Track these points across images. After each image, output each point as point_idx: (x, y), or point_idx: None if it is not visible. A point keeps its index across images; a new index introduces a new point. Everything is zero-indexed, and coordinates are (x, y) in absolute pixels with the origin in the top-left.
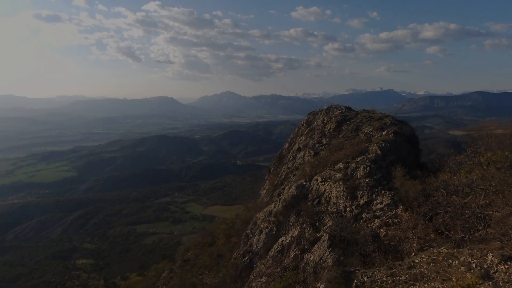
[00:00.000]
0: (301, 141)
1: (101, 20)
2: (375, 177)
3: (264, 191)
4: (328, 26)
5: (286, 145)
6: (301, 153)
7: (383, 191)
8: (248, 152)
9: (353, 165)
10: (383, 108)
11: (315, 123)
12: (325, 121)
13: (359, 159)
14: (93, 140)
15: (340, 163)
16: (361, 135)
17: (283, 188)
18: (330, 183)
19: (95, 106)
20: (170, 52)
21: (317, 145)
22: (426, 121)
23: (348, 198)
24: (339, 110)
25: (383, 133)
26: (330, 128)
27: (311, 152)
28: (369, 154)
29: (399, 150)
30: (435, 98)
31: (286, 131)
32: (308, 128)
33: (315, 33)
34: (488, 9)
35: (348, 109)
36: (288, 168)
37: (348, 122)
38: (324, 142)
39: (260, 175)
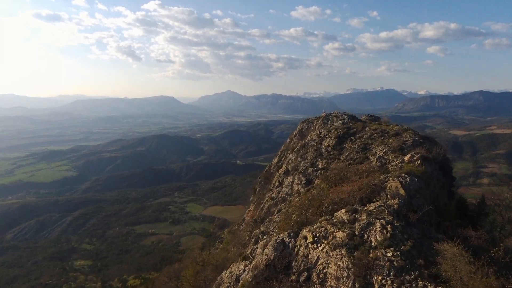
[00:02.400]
0: (290, 161)
1: (101, 19)
2: (402, 248)
3: (244, 224)
4: (328, 25)
5: (275, 160)
6: (289, 179)
7: (421, 282)
8: (249, 151)
9: (363, 217)
10: (384, 108)
11: (309, 137)
12: (321, 135)
13: (372, 206)
14: (93, 140)
15: (343, 211)
16: (371, 158)
17: (261, 235)
18: (327, 247)
19: (95, 105)
20: (170, 51)
21: (310, 170)
22: (427, 121)
23: (357, 285)
24: (340, 119)
25: (405, 158)
26: (329, 145)
27: (302, 179)
28: (388, 198)
29: (431, 187)
30: (436, 98)
31: (286, 130)
32: (300, 142)
33: (315, 32)
34: (488, 9)
35: (352, 118)
36: (273, 198)
37: (352, 137)
38: (320, 166)
39: (261, 175)
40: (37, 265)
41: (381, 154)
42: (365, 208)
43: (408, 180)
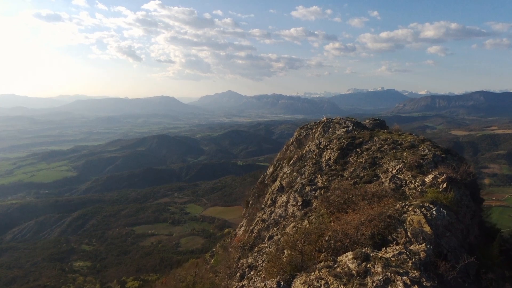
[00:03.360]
0: (285, 176)
1: (101, 19)
2: None
3: (232, 247)
4: (329, 25)
5: (270, 169)
6: (284, 198)
7: None
8: (249, 151)
9: (378, 269)
10: (384, 108)
11: (307, 147)
12: (322, 145)
13: (390, 252)
14: (93, 140)
15: (350, 256)
16: (382, 176)
17: (248, 269)
18: None
19: (96, 105)
20: (171, 51)
21: (307, 188)
22: (428, 121)
23: None
24: (344, 126)
25: (426, 179)
26: (330, 159)
27: (298, 199)
28: (409, 237)
29: (462, 219)
30: (436, 98)
31: (287, 130)
32: (297, 152)
33: (315, 32)
34: (489, 9)
35: (357, 125)
36: (264, 220)
37: (358, 149)
38: (320, 183)
39: (261, 176)
40: (36, 266)
41: (394, 171)
42: (380, 254)
43: (434, 212)
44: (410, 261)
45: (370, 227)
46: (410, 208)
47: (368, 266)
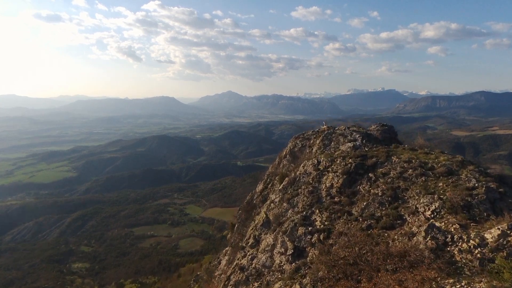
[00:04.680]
0: (272, 206)
1: (101, 19)
2: None
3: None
4: (329, 25)
5: (260, 186)
6: (269, 238)
7: None
8: (249, 152)
9: None
10: (385, 108)
11: (302, 168)
12: (321, 166)
13: None
14: (94, 140)
15: None
16: (410, 221)
17: None
18: None
19: (96, 106)
20: (171, 52)
21: (300, 230)
22: (428, 121)
23: None
24: (350, 140)
25: (487, 236)
26: (332, 186)
27: (288, 245)
28: None
29: None
30: (437, 98)
31: (287, 131)
32: (288, 176)
33: (315, 33)
34: (488, 9)
35: (367, 137)
36: (242, 268)
37: (371, 174)
38: (318, 223)
39: (261, 177)
40: (34, 267)
41: (428, 213)
42: None
43: None
44: None
45: None
46: None
47: None
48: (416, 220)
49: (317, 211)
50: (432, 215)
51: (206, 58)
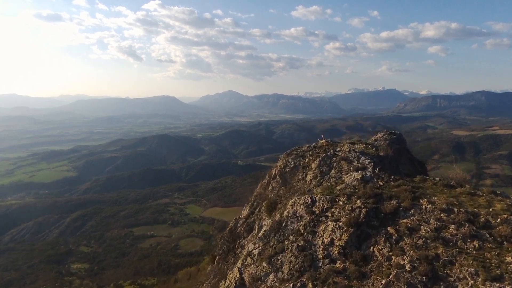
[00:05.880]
0: (249, 261)
1: (101, 19)
2: None
3: None
4: (329, 25)
5: (246, 211)
6: None
7: None
8: (250, 151)
9: None
10: (385, 108)
11: (291, 206)
12: (317, 207)
13: None
14: (94, 140)
15: None
16: None
17: None
18: None
19: (97, 105)
20: (171, 51)
21: None
22: (429, 121)
23: None
24: (357, 168)
25: None
26: (332, 244)
27: None
28: None
29: None
30: (437, 98)
31: (287, 130)
32: (272, 221)
33: (316, 32)
34: (488, 9)
35: (380, 163)
36: None
37: (391, 228)
38: None
39: (261, 176)
40: (33, 268)
41: None
42: None
43: None
44: None
45: None
46: None
47: None
48: None
49: (310, 284)
50: None
51: (207, 57)
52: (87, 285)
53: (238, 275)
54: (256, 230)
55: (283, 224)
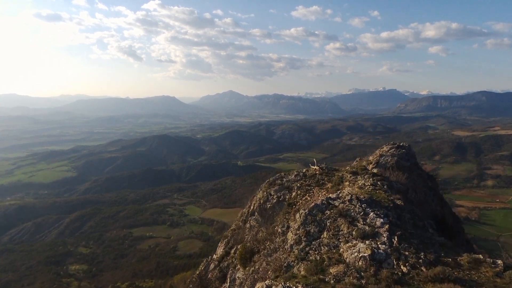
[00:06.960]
0: None
1: (101, 19)
2: None
3: None
4: (329, 25)
5: (220, 250)
6: None
7: None
8: (250, 152)
9: None
10: (386, 108)
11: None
12: None
13: None
14: (94, 140)
15: None
16: None
17: None
18: None
19: (97, 105)
20: (171, 51)
21: None
22: (430, 121)
23: None
24: (364, 233)
25: None
26: None
27: None
28: None
29: None
30: (438, 98)
31: (288, 131)
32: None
33: (316, 32)
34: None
35: (398, 220)
36: None
37: None
38: None
39: (261, 177)
40: (31, 269)
41: None
42: None
43: None
44: None
45: None
46: None
47: None
48: None
49: None
50: None
51: (207, 57)
52: (85, 287)
53: None
54: (228, 284)
55: None
